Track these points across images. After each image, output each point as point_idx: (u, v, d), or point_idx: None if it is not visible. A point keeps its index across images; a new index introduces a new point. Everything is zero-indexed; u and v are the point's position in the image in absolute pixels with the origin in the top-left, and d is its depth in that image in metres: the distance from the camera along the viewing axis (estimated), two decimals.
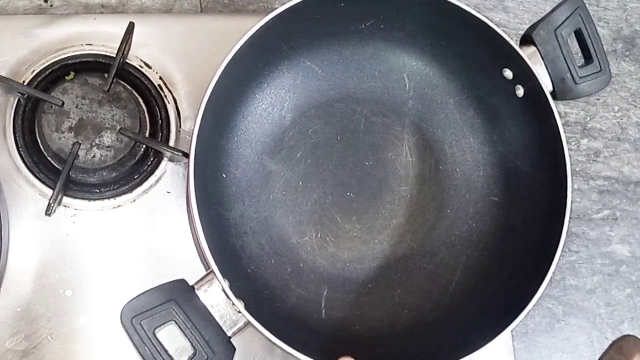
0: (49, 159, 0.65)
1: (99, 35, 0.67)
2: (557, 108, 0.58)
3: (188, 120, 0.67)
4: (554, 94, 0.60)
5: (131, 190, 0.65)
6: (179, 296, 0.52)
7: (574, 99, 0.62)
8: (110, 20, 0.68)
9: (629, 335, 0.51)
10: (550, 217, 0.58)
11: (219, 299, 0.52)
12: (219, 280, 0.52)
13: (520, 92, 0.61)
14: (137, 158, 0.66)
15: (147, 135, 0.66)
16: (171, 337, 0.51)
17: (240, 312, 0.52)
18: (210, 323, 0.52)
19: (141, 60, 0.68)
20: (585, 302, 0.76)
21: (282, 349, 0.51)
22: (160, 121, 0.67)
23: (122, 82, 0.67)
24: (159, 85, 0.67)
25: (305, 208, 0.65)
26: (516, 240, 0.62)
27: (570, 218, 0.57)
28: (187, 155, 0.63)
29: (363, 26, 0.64)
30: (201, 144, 0.54)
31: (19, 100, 0.64)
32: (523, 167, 0.63)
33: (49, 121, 0.64)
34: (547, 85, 0.59)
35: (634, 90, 0.82)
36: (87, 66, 0.66)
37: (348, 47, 0.65)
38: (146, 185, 0.65)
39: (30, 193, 0.64)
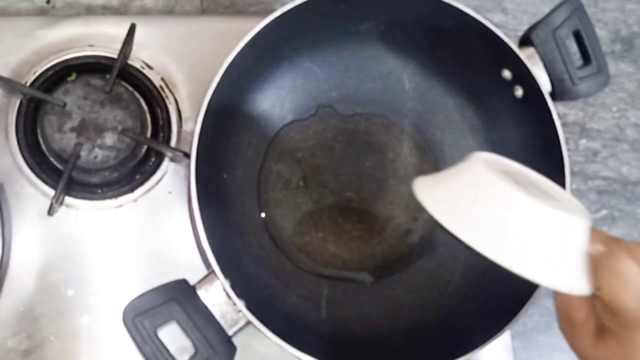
0: (51, 159, 0.65)
1: (101, 36, 0.67)
2: (555, 108, 0.58)
3: (189, 120, 0.67)
4: (552, 95, 0.60)
5: (132, 190, 0.65)
6: (180, 295, 0.52)
7: (572, 99, 0.62)
8: (112, 22, 0.68)
9: None
10: None
11: (219, 298, 0.53)
12: (219, 280, 0.52)
13: (519, 92, 0.61)
14: (138, 158, 0.66)
15: (149, 135, 0.66)
16: (172, 336, 0.52)
17: (240, 311, 0.52)
18: (211, 322, 0.52)
19: (142, 61, 0.68)
20: None
21: (282, 347, 0.52)
22: (161, 121, 0.67)
23: (124, 83, 0.67)
24: (160, 86, 0.67)
25: (305, 208, 0.65)
26: None
27: None
28: (188, 156, 0.63)
29: (363, 27, 0.64)
30: (202, 144, 0.55)
31: (21, 101, 0.64)
32: None
33: (50, 122, 0.65)
34: (545, 86, 0.59)
35: (632, 90, 0.82)
36: (89, 67, 0.66)
37: (348, 48, 0.66)
38: (147, 185, 0.66)
39: (32, 193, 0.64)
